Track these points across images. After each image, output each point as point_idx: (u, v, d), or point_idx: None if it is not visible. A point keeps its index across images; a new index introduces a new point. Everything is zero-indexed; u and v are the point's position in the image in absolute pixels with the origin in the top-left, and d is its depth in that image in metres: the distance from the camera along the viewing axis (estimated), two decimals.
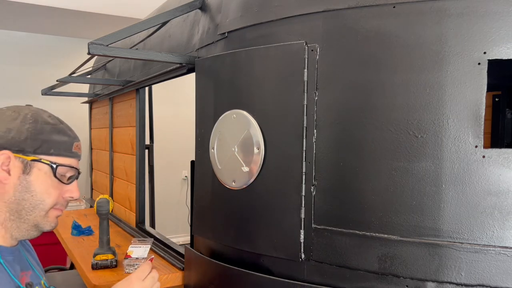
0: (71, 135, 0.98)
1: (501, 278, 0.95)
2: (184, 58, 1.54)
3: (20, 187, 0.89)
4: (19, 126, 0.90)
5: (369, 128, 1.06)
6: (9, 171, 0.88)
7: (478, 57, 0.95)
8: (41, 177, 0.91)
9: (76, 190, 0.97)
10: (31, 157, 0.90)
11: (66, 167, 0.94)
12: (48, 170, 0.92)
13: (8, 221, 0.91)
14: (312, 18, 1.15)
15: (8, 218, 0.90)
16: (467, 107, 0.96)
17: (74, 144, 0.97)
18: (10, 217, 0.90)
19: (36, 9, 3.91)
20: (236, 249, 1.35)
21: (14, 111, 0.92)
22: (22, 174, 0.90)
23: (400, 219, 1.03)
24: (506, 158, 0.95)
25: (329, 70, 1.12)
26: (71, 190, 0.96)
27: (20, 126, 0.90)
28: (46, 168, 0.91)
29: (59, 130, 0.95)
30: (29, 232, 0.94)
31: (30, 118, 0.92)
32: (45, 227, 0.95)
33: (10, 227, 0.91)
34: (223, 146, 1.34)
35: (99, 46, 1.32)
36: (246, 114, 1.26)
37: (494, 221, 0.96)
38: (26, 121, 0.91)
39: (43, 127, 0.92)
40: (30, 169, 0.90)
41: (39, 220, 0.92)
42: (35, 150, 0.90)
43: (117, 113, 2.94)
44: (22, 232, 0.93)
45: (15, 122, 0.90)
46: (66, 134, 0.96)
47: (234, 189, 1.27)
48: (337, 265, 1.11)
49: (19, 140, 0.89)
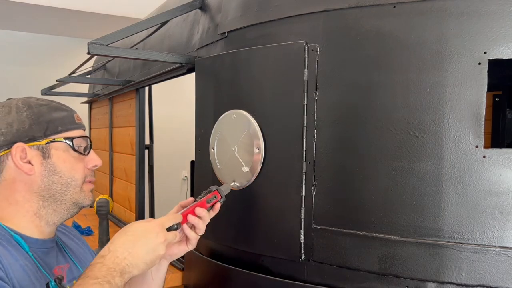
0: (67, 108, 0.97)
1: (502, 278, 0.95)
2: (184, 58, 1.54)
3: (46, 172, 0.89)
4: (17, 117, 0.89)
5: (369, 128, 1.06)
6: (30, 161, 0.88)
7: (479, 57, 0.95)
8: (62, 156, 0.91)
9: (97, 158, 0.98)
10: (44, 141, 0.90)
11: (79, 139, 0.95)
12: (65, 147, 0.92)
13: (42, 209, 0.90)
14: (312, 18, 1.14)
15: (41, 206, 0.90)
16: (468, 107, 0.96)
17: (74, 115, 0.98)
18: (43, 204, 0.90)
19: (36, 9, 3.91)
20: (236, 249, 1.35)
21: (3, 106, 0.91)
22: (43, 160, 0.89)
23: (401, 219, 1.02)
24: (507, 158, 0.95)
25: (329, 70, 1.12)
26: (92, 159, 0.97)
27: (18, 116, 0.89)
28: (63, 146, 0.92)
29: (55, 108, 0.94)
30: (69, 211, 0.94)
31: (23, 106, 0.91)
32: (84, 202, 0.96)
33: (45, 214, 0.91)
34: (223, 146, 1.33)
35: (99, 46, 1.32)
36: (246, 114, 1.26)
37: (494, 221, 0.96)
38: (21, 110, 0.90)
39: (39, 109, 0.91)
40: (49, 152, 0.90)
41: (76, 197, 0.93)
42: (44, 133, 0.90)
43: (117, 113, 2.93)
44: (61, 213, 0.93)
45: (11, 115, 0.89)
46: (63, 110, 0.96)
47: (234, 189, 1.27)
48: (337, 266, 1.11)
49: (24, 129, 0.88)
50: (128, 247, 0.82)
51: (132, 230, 0.86)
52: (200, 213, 1.01)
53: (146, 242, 0.84)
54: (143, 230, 0.86)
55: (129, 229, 0.86)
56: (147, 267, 0.84)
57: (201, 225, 1.01)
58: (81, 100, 3.74)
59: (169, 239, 0.89)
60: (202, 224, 1.01)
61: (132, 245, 0.83)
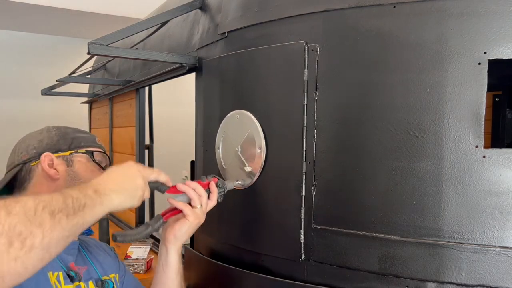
0: (90, 133, 1.16)
1: (502, 278, 0.95)
2: (184, 58, 1.54)
3: (69, 178, 1.03)
4: (47, 135, 1.07)
5: (369, 128, 1.06)
6: (56, 168, 1.03)
7: (479, 57, 0.95)
8: (83, 165, 1.06)
9: None
10: (68, 152, 1.06)
11: (100, 154, 1.11)
12: (86, 158, 1.08)
13: None
14: (312, 18, 1.14)
15: None
16: (468, 107, 0.96)
17: (96, 138, 1.15)
18: None
19: (36, 9, 3.91)
20: (237, 249, 1.35)
21: (36, 131, 1.10)
22: (67, 167, 1.04)
23: (401, 219, 1.02)
24: (507, 158, 0.95)
25: (329, 70, 1.12)
26: None
27: (48, 134, 1.07)
28: (85, 157, 1.08)
29: (79, 131, 1.13)
30: None
31: (53, 128, 1.09)
32: None
33: None
34: (228, 146, 1.34)
35: (99, 46, 1.32)
36: (249, 114, 1.26)
37: (494, 221, 0.96)
38: (51, 130, 1.09)
39: (66, 130, 1.10)
40: (72, 162, 1.06)
41: None
42: (69, 146, 1.07)
43: (117, 113, 2.94)
44: None
45: (42, 134, 1.07)
46: (86, 133, 1.14)
47: (238, 189, 1.27)
48: (337, 265, 1.11)
49: (52, 143, 1.05)
50: (103, 176, 0.86)
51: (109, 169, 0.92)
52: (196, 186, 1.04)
53: (121, 170, 0.89)
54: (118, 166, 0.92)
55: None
56: (127, 194, 0.85)
57: (195, 197, 1.02)
58: (81, 100, 3.74)
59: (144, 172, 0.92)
60: (197, 198, 1.03)
61: (106, 175, 0.87)
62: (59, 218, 0.66)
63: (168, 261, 1.04)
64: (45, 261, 0.64)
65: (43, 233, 0.63)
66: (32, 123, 3.75)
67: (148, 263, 2.07)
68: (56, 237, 0.65)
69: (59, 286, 0.89)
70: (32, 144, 1.05)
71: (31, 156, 1.03)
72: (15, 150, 1.07)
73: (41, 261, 0.64)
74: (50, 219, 0.64)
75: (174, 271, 1.04)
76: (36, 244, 0.61)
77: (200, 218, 1.03)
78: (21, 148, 1.06)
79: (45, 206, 0.65)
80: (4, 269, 0.58)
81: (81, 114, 4.08)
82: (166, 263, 1.04)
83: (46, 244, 0.63)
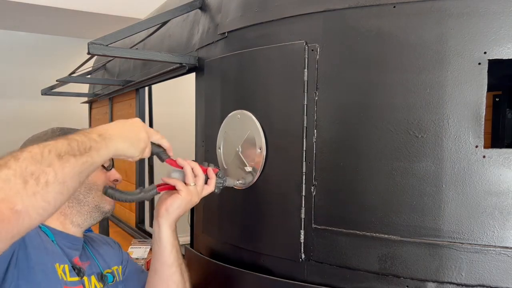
0: None
1: (502, 278, 0.95)
2: (184, 58, 1.54)
3: None
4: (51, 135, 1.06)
5: (369, 128, 1.06)
6: None
7: (479, 57, 0.95)
8: None
9: (117, 173, 1.10)
10: None
11: None
12: None
13: (68, 209, 1.00)
14: (312, 18, 1.14)
15: (67, 206, 1.00)
16: (468, 107, 0.96)
17: None
18: (68, 204, 1.00)
19: (36, 9, 3.91)
20: (237, 249, 1.35)
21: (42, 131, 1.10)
22: None
23: (401, 219, 1.02)
24: (507, 158, 0.95)
25: (329, 70, 1.12)
26: (114, 174, 1.09)
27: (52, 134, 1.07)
28: None
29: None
30: (92, 215, 1.03)
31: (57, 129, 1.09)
32: (105, 207, 1.05)
33: (70, 214, 1.01)
34: (229, 146, 1.34)
35: (99, 46, 1.32)
36: (249, 114, 1.26)
37: (494, 221, 0.96)
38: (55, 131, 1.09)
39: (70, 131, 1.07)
40: None
41: (98, 200, 1.03)
42: None
43: (117, 113, 2.94)
44: (85, 216, 1.02)
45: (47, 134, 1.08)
46: None
47: (239, 188, 1.27)
48: (337, 265, 1.11)
49: None
50: (109, 124, 0.87)
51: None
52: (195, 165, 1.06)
53: (126, 122, 0.91)
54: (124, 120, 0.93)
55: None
56: (130, 143, 0.87)
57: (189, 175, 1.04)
58: (81, 100, 3.75)
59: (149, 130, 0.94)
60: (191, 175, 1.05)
61: (111, 124, 0.89)
62: (67, 159, 0.68)
63: (161, 236, 1.04)
64: (64, 194, 0.68)
65: (54, 171, 0.66)
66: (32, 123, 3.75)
67: (148, 263, 2.07)
68: (68, 172, 0.68)
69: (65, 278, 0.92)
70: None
71: None
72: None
73: (61, 194, 0.67)
74: (57, 160, 0.67)
75: (167, 245, 1.05)
76: (51, 180, 0.65)
77: (193, 197, 1.04)
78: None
79: (51, 150, 0.67)
80: (26, 204, 0.61)
81: (81, 114, 4.08)
82: (159, 238, 1.05)
83: (60, 178, 0.66)
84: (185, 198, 1.03)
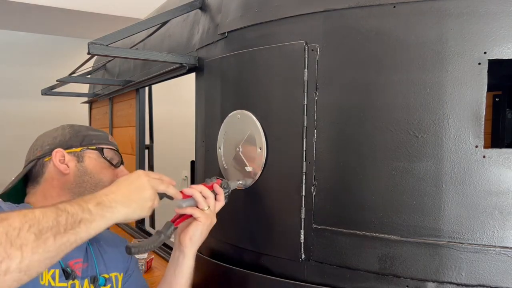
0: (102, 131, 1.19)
1: (502, 278, 0.95)
2: (184, 58, 1.54)
3: (79, 172, 1.07)
4: (61, 132, 1.12)
5: (369, 128, 1.06)
6: (67, 164, 1.07)
7: (479, 57, 0.95)
8: (93, 161, 1.09)
9: (126, 171, 1.13)
10: (79, 148, 1.10)
11: (111, 151, 1.14)
12: (96, 155, 1.11)
13: None
14: (312, 18, 1.14)
15: None
16: (468, 107, 0.96)
17: (108, 136, 1.18)
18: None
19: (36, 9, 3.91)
20: (237, 249, 1.35)
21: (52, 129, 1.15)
22: (77, 163, 1.08)
23: (401, 219, 1.03)
24: (507, 158, 0.95)
25: (329, 70, 1.12)
26: (122, 171, 1.13)
27: (62, 132, 1.12)
28: (95, 154, 1.11)
29: (92, 129, 1.17)
30: None
31: (67, 126, 1.14)
32: None
33: None
34: (229, 146, 1.34)
35: (99, 46, 1.32)
36: (250, 114, 1.26)
37: (494, 221, 0.96)
38: (65, 128, 1.14)
39: (80, 128, 1.15)
40: (83, 158, 1.09)
41: None
42: (80, 143, 1.11)
43: (117, 113, 2.94)
44: None
45: (57, 131, 1.13)
46: (99, 131, 1.18)
47: (239, 189, 1.27)
48: (337, 265, 1.11)
49: (65, 140, 1.10)
50: (111, 187, 0.84)
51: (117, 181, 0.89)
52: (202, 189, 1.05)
53: (130, 181, 0.87)
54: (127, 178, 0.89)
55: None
56: (135, 206, 0.83)
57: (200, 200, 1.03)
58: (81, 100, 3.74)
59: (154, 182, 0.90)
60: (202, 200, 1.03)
61: (114, 186, 0.85)
62: (45, 238, 0.64)
63: (183, 265, 1.04)
64: (22, 282, 0.62)
65: (22, 256, 0.61)
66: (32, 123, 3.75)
67: (148, 263, 2.07)
68: (37, 259, 0.63)
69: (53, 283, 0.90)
70: (46, 141, 1.11)
71: (45, 152, 1.09)
72: (32, 147, 1.13)
73: (18, 283, 0.62)
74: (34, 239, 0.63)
75: (186, 276, 1.05)
76: (12, 268, 0.60)
77: (212, 218, 1.05)
78: (37, 145, 1.12)
79: (32, 225, 0.63)
80: None
81: (81, 114, 4.08)
82: (180, 266, 1.04)
83: (24, 267, 0.61)
84: (205, 223, 1.03)
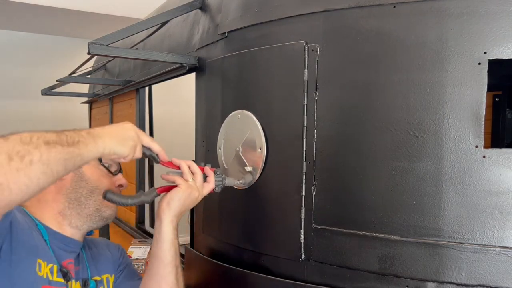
0: None
1: (502, 278, 0.95)
2: (184, 58, 1.54)
3: (76, 178, 1.02)
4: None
5: (369, 128, 1.06)
6: None
7: (479, 57, 0.95)
8: (91, 168, 1.04)
9: (123, 179, 1.10)
10: None
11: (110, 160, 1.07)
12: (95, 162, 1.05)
13: (67, 210, 1.00)
14: (312, 18, 1.14)
15: (67, 207, 0.99)
16: (468, 107, 0.96)
17: None
18: (69, 206, 0.99)
19: (36, 9, 3.91)
20: (237, 249, 1.35)
21: None
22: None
23: (401, 219, 1.03)
24: (507, 158, 0.95)
25: (329, 70, 1.12)
26: (120, 179, 1.09)
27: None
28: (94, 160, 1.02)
29: None
30: (91, 218, 1.02)
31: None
32: (106, 211, 1.04)
33: (70, 215, 1.00)
34: (229, 146, 1.34)
35: (99, 46, 1.32)
36: (250, 114, 1.26)
37: (494, 221, 0.96)
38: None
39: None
40: None
41: (99, 203, 1.02)
42: None
43: (117, 113, 2.94)
44: (84, 218, 1.01)
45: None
46: None
47: (239, 188, 1.27)
48: (337, 265, 1.11)
49: None
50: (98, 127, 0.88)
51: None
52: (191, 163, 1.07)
53: (117, 124, 0.92)
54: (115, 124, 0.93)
55: None
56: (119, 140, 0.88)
57: (186, 171, 1.05)
58: (81, 100, 3.75)
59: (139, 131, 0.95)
60: (188, 172, 1.06)
61: (104, 126, 0.89)
62: (53, 145, 0.71)
63: (161, 231, 1.03)
64: (48, 175, 0.70)
65: (40, 152, 0.69)
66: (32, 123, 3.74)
67: (148, 263, 2.07)
68: (53, 156, 0.71)
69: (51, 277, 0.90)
70: None
71: None
72: None
73: (45, 175, 0.69)
74: (45, 145, 0.70)
75: (167, 242, 1.03)
76: (35, 160, 0.68)
77: (193, 189, 1.04)
78: None
79: (40, 137, 0.71)
80: (9, 178, 0.64)
81: (81, 114, 4.08)
82: (159, 234, 1.03)
83: (45, 160, 0.69)
84: (185, 190, 1.03)
